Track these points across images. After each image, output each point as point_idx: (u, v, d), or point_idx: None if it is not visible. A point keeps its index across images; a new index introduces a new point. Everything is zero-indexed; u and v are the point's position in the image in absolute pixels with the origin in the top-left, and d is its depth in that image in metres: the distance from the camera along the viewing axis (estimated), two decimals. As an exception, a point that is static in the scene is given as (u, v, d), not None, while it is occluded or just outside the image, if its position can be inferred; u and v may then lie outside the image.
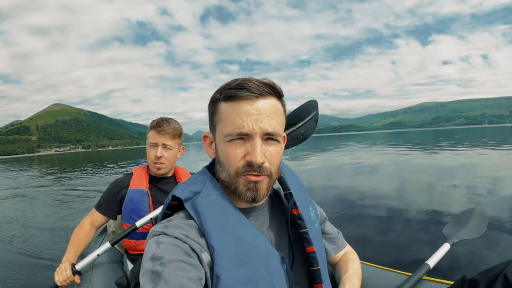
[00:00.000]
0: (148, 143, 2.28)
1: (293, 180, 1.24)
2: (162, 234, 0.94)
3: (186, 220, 0.99)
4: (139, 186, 2.30)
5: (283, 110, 1.05)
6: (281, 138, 1.02)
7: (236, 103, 0.96)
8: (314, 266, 1.12)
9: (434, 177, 9.84)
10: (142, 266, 0.89)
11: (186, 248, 0.90)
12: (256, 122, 0.94)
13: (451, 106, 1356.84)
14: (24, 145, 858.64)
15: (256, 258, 0.95)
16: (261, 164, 0.96)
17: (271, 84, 0.99)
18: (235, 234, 0.96)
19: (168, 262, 0.85)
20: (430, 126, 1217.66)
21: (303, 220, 1.12)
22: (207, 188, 1.04)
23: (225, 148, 0.99)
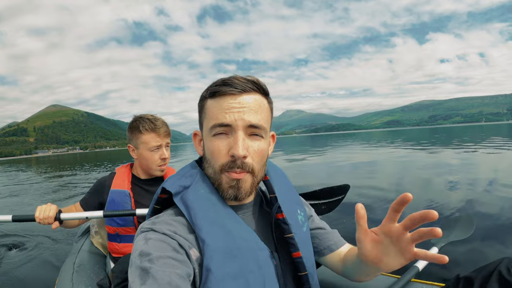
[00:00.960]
0: (149, 148, 2.18)
1: (280, 181, 1.23)
2: (150, 230, 0.93)
3: (175, 217, 0.99)
4: (121, 187, 2.22)
5: (269, 107, 1.05)
6: (265, 133, 1.02)
7: (220, 98, 0.98)
8: (302, 272, 1.11)
9: (428, 176, 9.90)
10: (130, 263, 0.88)
11: (174, 244, 0.90)
12: (238, 114, 0.95)
13: (448, 104, 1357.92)
14: (21, 147, 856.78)
15: (246, 251, 0.95)
16: (243, 159, 0.96)
17: (255, 81, 1.00)
18: (224, 227, 0.96)
19: (156, 258, 0.84)
20: (428, 124, 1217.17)
21: (288, 225, 1.11)
22: (196, 182, 1.03)
23: (210, 143, 1.00)
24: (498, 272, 1.15)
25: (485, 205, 5.57)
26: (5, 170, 34.01)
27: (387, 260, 0.91)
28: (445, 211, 5.41)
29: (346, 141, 43.99)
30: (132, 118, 2.26)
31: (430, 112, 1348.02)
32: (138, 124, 2.17)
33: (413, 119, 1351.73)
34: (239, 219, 1.02)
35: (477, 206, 5.55)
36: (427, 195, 6.67)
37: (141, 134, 2.16)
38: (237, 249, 0.94)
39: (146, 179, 2.34)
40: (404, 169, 11.48)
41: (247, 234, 1.00)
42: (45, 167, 33.79)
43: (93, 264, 2.38)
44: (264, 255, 1.00)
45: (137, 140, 2.19)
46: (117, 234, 2.19)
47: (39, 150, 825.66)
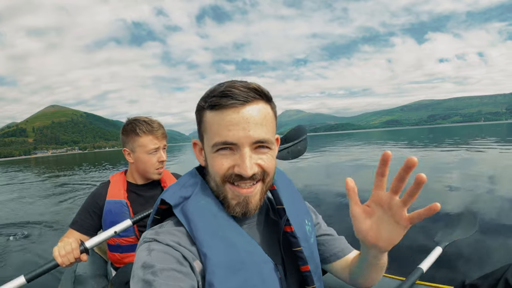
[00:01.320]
0: (146, 151, 2.11)
1: (287, 190, 1.18)
2: (154, 241, 0.91)
3: (178, 227, 0.96)
4: (117, 197, 2.14)
5: (273, 114, 0.99)
6: (272, 144, 0.97)
7: (221, 112, 0.91)
8: (310, 285, 1.08)
9: (430, 177, 10.11)
10: (133, 274, 0.86)
11: (178, 256, 0.88)
12: (244, 131, 0.89)
13: (447, 104, 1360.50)
14: (20, 147, 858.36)
15: (250, 265, 0.92)
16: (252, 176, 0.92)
17: (257, 88, 0.92)
18: (227, 240, 0.93)
19: (160, 271, 0.82)
20: (427, 124, 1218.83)
21: (296, 238, 1.07)
22: (196, 193, 1.00)
23: (212, 159, 0.95)
24: (504, 280, 1.13)
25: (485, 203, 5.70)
26: (5, 171, 34.09)
27: (385, 234, 0.88)
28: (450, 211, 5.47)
29: (345, 141, 44.15)
30: (126, 120, 2.20)
31: (429, 112, 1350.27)
32: (135, 127, 2.10)
33: (412, 118, 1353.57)
34: (241, 231, 0.98)
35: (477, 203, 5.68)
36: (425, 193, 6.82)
37: (138, 137, 2.10)
38: (240, 262, 0.91)
39: (142, 185, 2.27)
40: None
41: (250, 246, 0.96)
42: (45, 168, 33.88)
43: (93, 271, 2.34)
44: (268, 268, 0.96)
45: (134, 143, 2.12)
46: (118, 244, 2.13)
47: (38, 151, 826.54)
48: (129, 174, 2.28)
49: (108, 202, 2.12)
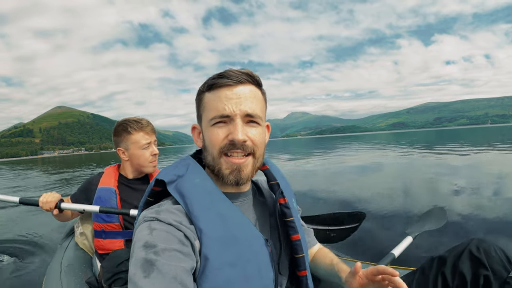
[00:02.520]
0: (139, 146, 2.26)
1: (278, 172, 1.26)
2: (155, 220, 0.92)
3: (175, 205, 0.98)
4: (108, 185, 2.31)
5: (263, 98, 1.10)
6: (262, 121, 1.07)
7: (217, 90, 1.02)
8: (299, 254, 1.15)
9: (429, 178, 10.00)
10: (132, 254, 0.86)
11: (180, 236, 0.89)
12: (236, 105, 0.99)
13: (454, 106, 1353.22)
14: (27, 148, 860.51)
15: (242, 240, 0.96)
16: (243, 142, 1.00)
17: (249, 73, 1.04)
18: (221, 216, 0.96)
19: (162, 250, 0.83)
20: (433, 126, 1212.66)
21: (289, 209, 1.15)
22: (190, 171, 1.05)
23: (209, 132, 1.03)
24: (468, 250, 1.27)
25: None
26: (12, 169, 34.29)
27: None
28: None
29: (350, 144, 44.01)
30: (116, 123, 2.35)
31: (435, 114, 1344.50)
32: (126, 126, 2.26)
33: (418, 121, 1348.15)
34: (234, 207, 1.03)
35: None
36: (427, 196, 6.96)
37: (131, 135, 2.25)
38: (234, 237, 0.94)
39: (133, 179, 2.40)
40: (406, 172, 11.62)
41: (242, 222, 1.01)
42: (50, 168, 34.04)
43: (80, 263, 2.39)
44: (259, 243, 1.02)
45: (127, 141, 2.27)
46: (103, 230, 2.24)
47: (45, 151, 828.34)
48: (122, 169, 2.43)
49: (99, 189, 2.29)
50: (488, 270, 1.21)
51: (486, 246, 1.26)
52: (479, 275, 1.23)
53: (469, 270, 1.25)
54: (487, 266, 1.22)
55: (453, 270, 1.28)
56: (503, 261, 1.23)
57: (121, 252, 1.90)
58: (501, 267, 1.22)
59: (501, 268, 1.21)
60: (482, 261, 1.23)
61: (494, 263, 1.22)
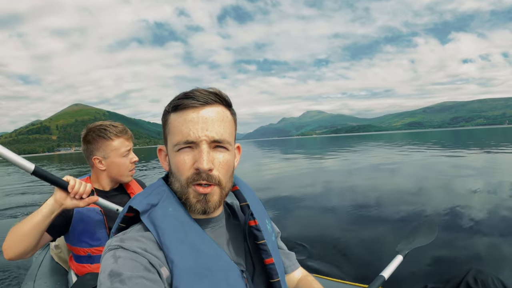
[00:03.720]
0: (120, 154, 2.09)
1: (249, 193, 1.22)
2: (119, 248, 0.89)
3: (143, 232, 0.96)
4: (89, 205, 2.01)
5: (232, 119, 1.05)
6: (230, 146, 1.01)
7: (182, 112, 0.96)
8: (274, 278, 1.11)
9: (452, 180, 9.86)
10: (99, 284, 0.84)
11: (145, 262, 0.87)
12: (202, 130, 0.94)
13: (470, 106, 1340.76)
14: (44, 144, 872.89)
15: (217, 271, 0.94)
16: (209, 172, 0.95)
17: (217, 93, 0.99)
18: (194, 247, 0.94)
19: (128, 278, 0.81)
20: (449, 126, 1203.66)
21: (260, 231, 1.11)
22: (164, 200, 1.01)
23: (175, 157, 0.99)
24: (465, 283, 1.21)
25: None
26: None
27: None
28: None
29: (366, 144, 43.78)
30: (86, 130, 2.12)
31: (452, 114, 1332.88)
32: (104, 132, 2.06)
33: (434, 120, 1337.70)
34: (208, 238, 1.00)
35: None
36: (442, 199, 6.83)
37: (110, 141, 2.07)
38: (207, 269, 0.92)
39: (111, 190, 2.20)
40: (421, 173, 11.44)
41: (216, 253, 0.98)
42: (71, 163, 34.27)
43: (55, 281, 2.26)
44: (235, 275, 0.99)
45: (106, 148, 2.07)
46: (89, 255, 2.02)
47: (61, 148, 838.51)
48: (95, 182, 2.18)
49: (78, 211, 1.96)
50: None
51: (484, 278, 1.21)
52: None
53: None
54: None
55: None
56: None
57: (89, 277, 1.83)
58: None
59: None
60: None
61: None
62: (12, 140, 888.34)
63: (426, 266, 3.48)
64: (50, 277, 2.31)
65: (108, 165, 2.10)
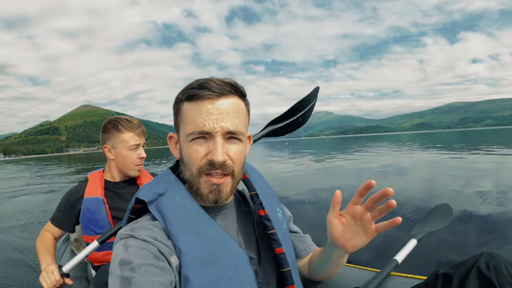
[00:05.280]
0: (127, 147, 2.16)
1: (259, 181, 1.22)
2: (130, 237, 0.91)
3: (153, 222, 0.97)
4: (94, 194, 2.16)
5: (246, 110, 1.05)
6: (243, 137, 1.02)
7: (197, 102, 0.96)
8: (285, 268, 1.11)
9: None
10: (110, 272, 0.86)
11: (155, 251, 0.88)
12: (217, 121, 0.94)
13: (479, 107, 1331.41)
14: (53, 145, 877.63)
15: (224, 259, 0.94)
16: (223, 163, 0.96)
17: (233, 84, 0.99)
18: (201, 235, 0.95)
19: (138, 266, 0.83)
20: (458, 127, 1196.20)
21: (270, 220, 1.11)
22: (171, 189, 1.02)
23: (187, 147, 0.99)
24: (477, 268, 1.17)
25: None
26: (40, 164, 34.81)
27: (353, 240, 1.01)
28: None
29: (374, 145, 43.67)
30: (106, 120, 2.25)
31: (461, 114, 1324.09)
32: (117, 124, 2.16)
33: (443, 121, 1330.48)
34: (216, 225, 1.01)
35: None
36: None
37: (120, 133, 2.15)
38: (215, 256, 0.93)
39: (120, 182, 2.30)
40: (430, 174, 11.44)
41: (224, 240, 0.99)
42: (78, 163, 34.52)
43: (74, 273, 2.28)
44: (243, 262, 0.99)
45: (116, 139, 2.17)
46: None
47: (70, 148, 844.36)
48: (107, 172, 2.31)
49: (86, 200, 2.13)
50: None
51: (496, 263, 1.16)
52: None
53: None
54: (496, 285, 1.12)
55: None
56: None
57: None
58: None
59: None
60: (492, 280, 1.13)
61: (505, 282, 1.12)
62: (21, 141, 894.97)
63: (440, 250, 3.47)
64: None
65: (116, 155, 2.19)
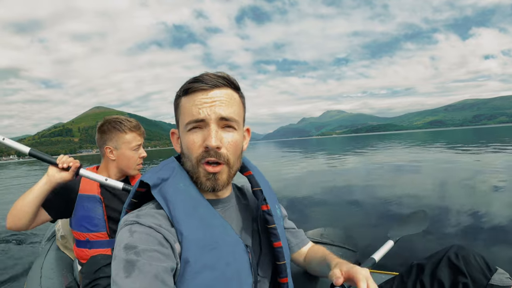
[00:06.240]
0: (131, 147, 2.15)
1: (262, 178, 1.25)
2: (136, 223, 0.93)
3: (157, 210, 0.99)
4: (90, 192, 2.10)
5: (241, 101, 1.09)
6: (238, 126, 1.05)
7: (193, 95, 1.01)
8: (281, 261, 1.16)
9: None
10: (114, 256, 0.87)
11: (159, 237, 0.90)
12: (210, 109, 0.98)
13: (493, 103, 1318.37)
14: (66, 146, 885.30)
15: (224, 245, 0.98)
16: (217, 150, 0.99)
17: (225, 76, 1.03)
18: (203, 221, 0.98)
19: (143, 251, 0.84)
20: (471, 124, 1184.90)
21: (272, 216, 1.15)
22: (175, 176, 1.04)
23: (185, 138, 1.03)
24: (447, 258, 1.28)
25: None
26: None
27: None
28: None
29: (387, 143, 43.38)
30: (103, 120, 2.23)
31: (474, 112, 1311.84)
32: (119, 124, 2.15)
33: (456, 119, 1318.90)
34: (216, 213, 1.04)
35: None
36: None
37: (124, 134, 2.14)
38: (215, 241, 0.96)
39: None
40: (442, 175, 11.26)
41: (223, 228, 1.02)
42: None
43: (60, 268, 2.31)
44: (239, 249, 1.03)
45: (118, 140, 2.14)
46: (87, 240, 2.08)
47: (83, 150, 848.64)
48: (103, 171, 2.25)
49: (81, 196, 2.08)
50: (467, 277, 1.22)
51: (465, 253, 1.27)
52: (458, 282, 1.24)
53: (448, 278, 1.26)
54: (466, 273, 1.22)
55: (431, 278, 1.29)
56: (483, 268, 1.24)
57: (100, 257, 1.88)
58: (481, 274, 1.22)
59: (480, 276, 1.22)
60: (461, 269, 1.23)
61: (473, 270, 1.23)
62: (35, 143, 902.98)
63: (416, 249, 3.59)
64: (57, 265, 2.37)
65: (118, 156, 2.16)
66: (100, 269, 1.78)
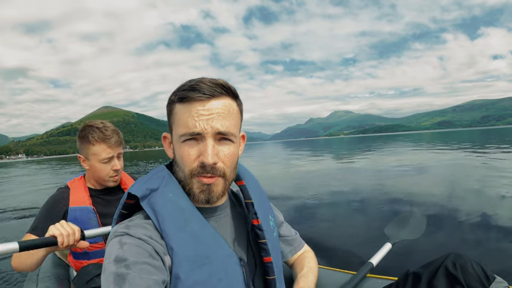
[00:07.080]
0: (99, 160, 1.99)
1: (255, 187, 1.23)
2: (126, 234, 0.91)
3: (147, 220, 0.97)
4: (82, 203, 2.02)
5: (238, 110, 1.05)
6: (235, 138, 1.02)
7: (188, 104, 0.96)
8: (270, 276, 1.14)
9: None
10: (104, 269, 0.85)
11: (150, 250, 0.88)
12: (207, 122, 0.94)
13: (501, 104, 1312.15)
14: (74, 146, 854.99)
15: (216, 259, 0.95)
16: (213, 165, 0.96)
17: (224, 84, 0.99)
18: (194, 235, 0.96)
19: (133, 264, 0.83)
20: (480, 125, 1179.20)
21: (262, 231, 1.13)
22: (164, 185, 1.02)
23: (180, 148, 1.00)
24: (444, 267, 1.26)
25: None
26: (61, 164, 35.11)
27: None
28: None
29: (392, 145, 43.23)
30: (81, 126, 2.09)
31: (482, 112, 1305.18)
32: (87, 134, 1.99)
33: (464, 119, 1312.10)
34: (208, 225, 1.01)
35: None
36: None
37: (91, 145, 1.99)
38: (206, 257, 0.94)
39: (102, 189, 2.16)
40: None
41: (216, 241, 1.00)
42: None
43: (56, 275, 2.26)
44: (232, 263, 1.00)
45: (88, 151, 2.01)
46: (85, 251, 2.00)
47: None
48: (88, 180, 2.17)
49: (72, 209, 1.98)
50: (465, 287, 1.20)
51: (463, 262, 1.25)
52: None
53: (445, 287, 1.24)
54: (463, 283, 1.20)
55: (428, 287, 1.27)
56: (480, 277, 1.21)
57: (91, 267, 1.84)
58: (478, 283, 1.20)
59: (478, 285, 1.20)
60: (458, 278, 1.21)
61: (471, 279, 1.21)
62: (43, 142, 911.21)
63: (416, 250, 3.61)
64: (53, 271, 2.32)
65: (90, 166, 2.06)
66: (92, 279, 1.76)
